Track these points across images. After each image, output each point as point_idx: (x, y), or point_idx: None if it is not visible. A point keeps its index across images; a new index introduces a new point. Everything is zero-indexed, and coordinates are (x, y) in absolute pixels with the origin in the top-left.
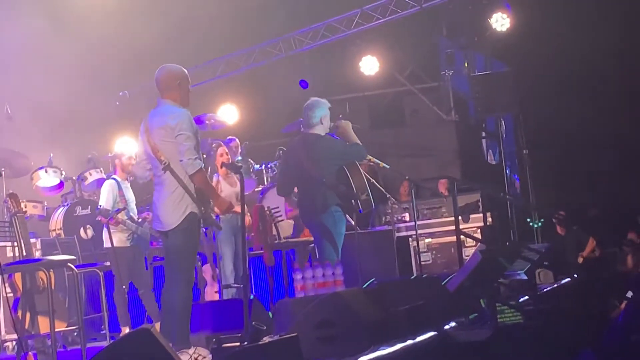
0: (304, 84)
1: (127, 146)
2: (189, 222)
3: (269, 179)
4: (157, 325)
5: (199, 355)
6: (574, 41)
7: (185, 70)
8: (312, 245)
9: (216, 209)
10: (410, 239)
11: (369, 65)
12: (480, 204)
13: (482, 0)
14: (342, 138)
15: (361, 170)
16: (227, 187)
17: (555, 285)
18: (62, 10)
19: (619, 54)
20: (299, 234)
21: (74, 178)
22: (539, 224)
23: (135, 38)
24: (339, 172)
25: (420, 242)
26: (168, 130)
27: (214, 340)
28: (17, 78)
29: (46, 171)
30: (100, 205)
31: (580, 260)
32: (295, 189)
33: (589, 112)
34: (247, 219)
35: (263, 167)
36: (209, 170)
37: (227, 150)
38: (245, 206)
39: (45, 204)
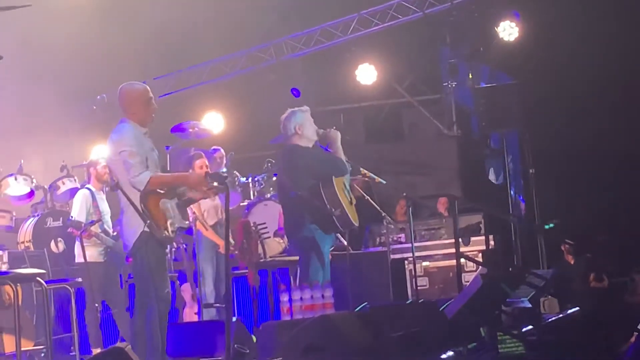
0: (295, 93)
1: (103, 154)
2: (142, 242)
3: (255, 193)
4: None
5: None
6: (587, 53)
7: (147, 88)
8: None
9: (191, 193)
10: (406, 261)
11: (366, 74)
12: (482, 225)
13: (489, 7)
14: (329, 148)
15: (335, 186)
16: (207, 201)
17: (561, 315)
18: (37, 13)
19: (634, 69)
20: None
21: (45, 187)
22: (551, 225)
23: (115, 40)
24: (313, 186)
25: (417, 266)
26: (112, 148)
27: None
28: None
29: (16, 179)
30: (72, 217)
31: (592, 283)
32: None
33: (601, 130)
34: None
35: (249, 180)
36: None
37: (206, 162)
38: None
39: (14, 214)
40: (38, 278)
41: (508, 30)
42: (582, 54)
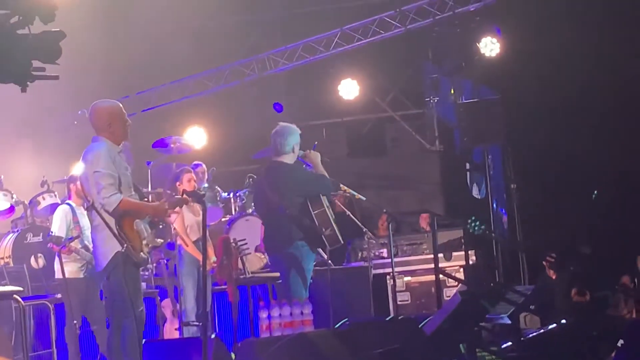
0: (278, 108)
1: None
2: (117, 262)
3: (237, 209)
4: None
5: None
6: (568, 68)
7: (119, 105)
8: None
9: (145, 242)
10: (387, 276)
11: (349, 89)
12: (463, 241)
13: (470, 23)
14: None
15: (325, 205)
16: (190, 217)
17: (542, 331)
18: None
19: (616, 84)
20: None
21: (25, 202)
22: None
23: (97, 55)
24: (302, 204)
25: (397, 281)
26: (86, 168)
27: None
28: None
29: None
30: (52, 232)
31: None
32: None
33: (583, 144)
34: (210, 251)
35: (231, 195)
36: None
37: (194, 177)
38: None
39: None
40: (15, 296)
41: (489, 46)
42: (564, 69)
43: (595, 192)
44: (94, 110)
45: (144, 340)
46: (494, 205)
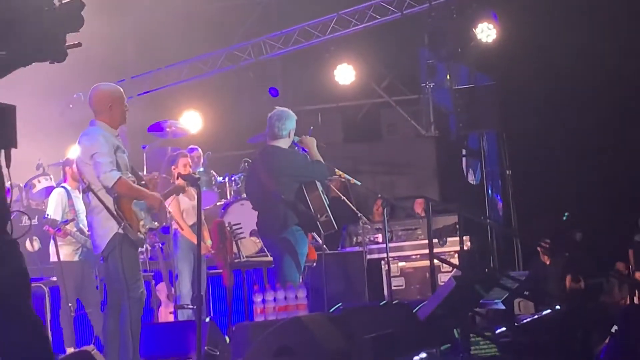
0: (273, 92)
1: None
2: (115, 244)
3: (232, 193)
4: None
5: None
6: (564, 55)
7: (120, 89)
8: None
9: (142, 223)
10: (382, 261)
11: (344, 74)
12: (457, 226)
13: (467, 9)
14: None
15: (320, 190)
16: (185, 200)
17: (535, 317)
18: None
19: (611, 71)
20: None
21: (21, 185)
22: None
23: (93, 38)
24: (298, 190)
25: (392, 266)
26: (84, 152)
27: None
28: None
29: None
30: (48, 215)
31: (568, 284)
32: None
33: (577, 130)
34: (206, 235)
35: (226, 179)
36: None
37: (190, 162)
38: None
39: None
40: None
41: (486, 32)
42: (560, 56)
43: (567, 213)
44: (96, 92)
45: None
46: (489, 191)
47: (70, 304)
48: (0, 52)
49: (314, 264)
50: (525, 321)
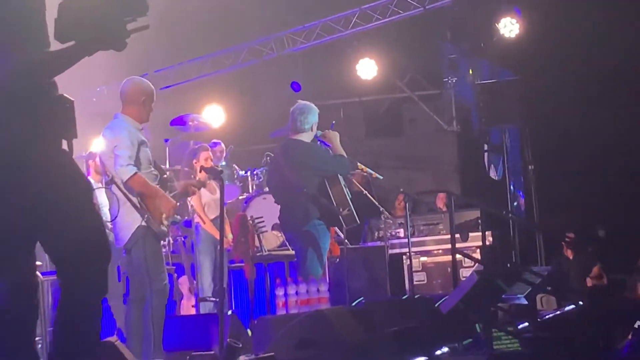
0: (295, 87)
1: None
2: (139, 236)
3: (254, 187)
4: None
5: None
6: (588, 50)
7: (153, 88)
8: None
9: (164, 216)
10: (404, 256)
11: (367, 68)
12: (480, 221)
13: (490, 3)
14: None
15: (342, 184)
16: (206, 194)
17: (558, 312)
18: None
19: (637, 66)
20: None
21: None
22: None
23: None
24: (320, 183)
25: (414, 261)
26: (108, 145)
27: (187, 358)
28: None
29: None
30: None
31: (589, 282)
32: None
33: (601, 125)
34: (227, 228)
35: (248, 173)
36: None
37: (211, 155)
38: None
39: None
40: None
41: (509, 27)
42: (583, 51)
43: (602, 230)
44: (132, 83)
45: None
46: (511, 186)
47: None
48: (68, 42)
49: (337, 260)
50: (547, 317)
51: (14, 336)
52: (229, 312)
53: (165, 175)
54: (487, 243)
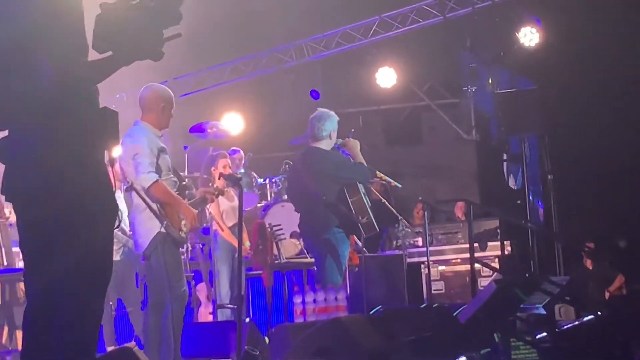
0: (315, 95)
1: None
2: (158, 242)
3: (272, 194)
4: None
5: None
6: (608, 60)
7: (172, 94)
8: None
9: (184, 222)
10: (422, 265)
11: (386, 77)
12: (499, 231)
13: (510, 13)
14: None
15: (361, 192)
16: (224, 202)
17: (577, 323)
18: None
19: None
20: None
21: None
22: None
23: None
24: (339, 191)
25: (432, 270)
26: (127, 152)
27: None
28: None
29: None
30: None
31: (607, 296)
32: None
33: (621, 136)
34: (245, 236)
35: (267, 181)
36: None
37: (229, 163)
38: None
39: None
40: None
41: (529, 36)
42: (603, 60)
43: (622, 242)
44: (151, 90)
45: None
46: (530, 196)
47: (111, 303)
48: (106, 53)
49: (357, 269)
50: (566, 327)
51: None
52: (247, 320)
53: (184, 182)
54: (506, 252)
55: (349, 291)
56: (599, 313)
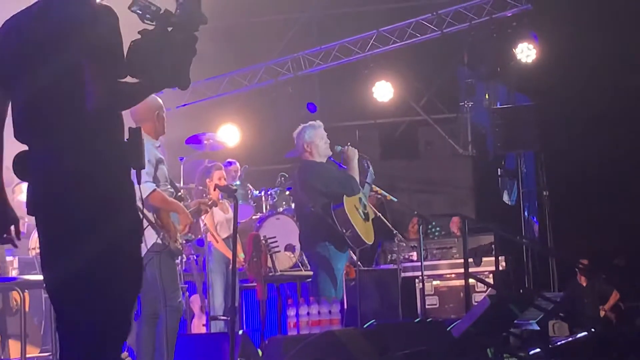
0: (311, 108)
1: None
2: (154, 253)
3: (268, 207)
4: None
5: None
6: (604, 77)
7: (159, 100)
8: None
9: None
10: (416, 280)
11: (383, 91)
12: (493, 246)
13: (507, 28)
14: (344, 165)
15: (345, 205)
16: (219, 213)
17: (570, 339)
18: None
19: None
20: None
21: None
22: None
23: None
24: (326, 204)
25: (426, 284)
26: None
27: None
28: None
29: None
30: None
31: (602, 313)
32: None
33: (617, 153)
34: (239, 248)
35: (262, 193)
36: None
37: (224, 174)
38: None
39: (27, 220)
40: None
41: (526, 52)
42: (600, 77)
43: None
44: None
45: None
46: (525, 212)
47: None
48: (139, 79)
49: (352, 283)
50: (559, 343)
51: None
52: (240, 332)
53: (179, 193)
54: (501, 268)
55: (343, 305)
56: (593, 330)
